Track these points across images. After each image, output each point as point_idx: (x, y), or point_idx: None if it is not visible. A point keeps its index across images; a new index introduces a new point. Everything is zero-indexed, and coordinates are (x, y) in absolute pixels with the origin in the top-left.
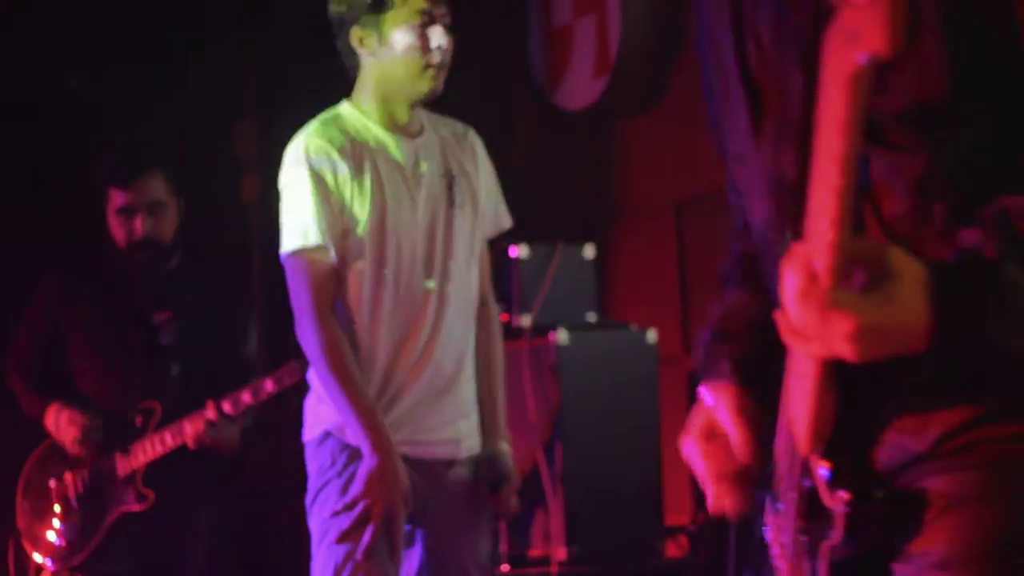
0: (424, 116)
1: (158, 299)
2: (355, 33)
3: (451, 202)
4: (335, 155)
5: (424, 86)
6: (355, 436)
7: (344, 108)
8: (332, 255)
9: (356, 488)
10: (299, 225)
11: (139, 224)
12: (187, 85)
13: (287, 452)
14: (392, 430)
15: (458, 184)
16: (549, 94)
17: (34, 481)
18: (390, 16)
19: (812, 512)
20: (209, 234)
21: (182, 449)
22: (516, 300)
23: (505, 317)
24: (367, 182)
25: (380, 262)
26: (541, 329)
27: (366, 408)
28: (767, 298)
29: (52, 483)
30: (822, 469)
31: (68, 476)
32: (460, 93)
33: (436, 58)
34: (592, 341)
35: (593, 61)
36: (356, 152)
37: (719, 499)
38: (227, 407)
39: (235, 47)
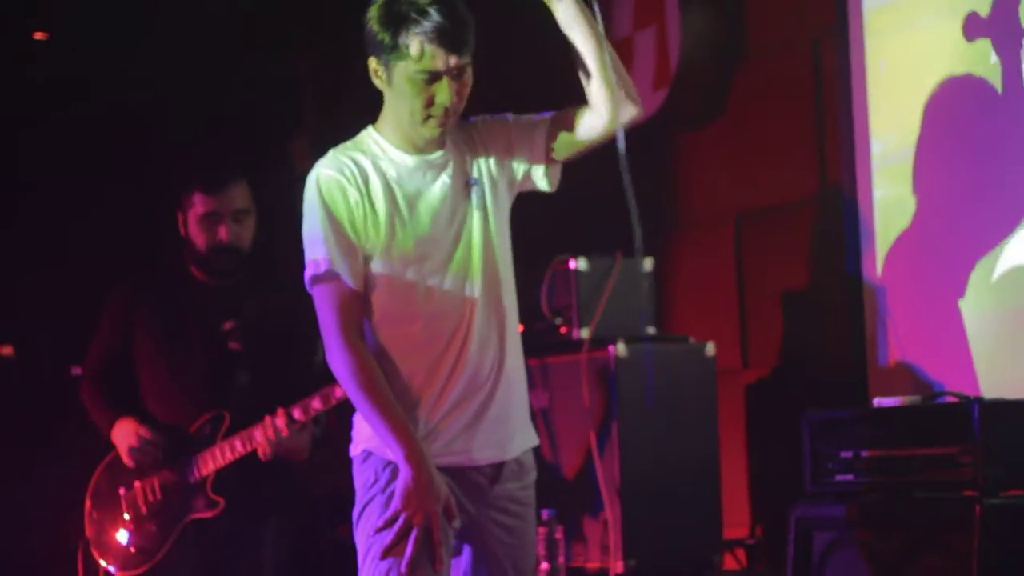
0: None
1: (225, 308)
2: (372, 63)
3: (472, 207)
4: (345, 183)
5: (426, 133)
6: (390, 451)
7: (367, 132)
8: (349, 281)
9: (396, 503)
10: (314, 255)
11: (224, 231)
12: (247, 103)
13: (350, 463)
14: (429, 441)
15: (477, 188)
16: None
17: (103, 489)
18: (400, 64)
19: None
20: (271, 244)
21: (251, 457)
22: (575, 313)
23: (564, 330)
24: (381, 206)
25: (403, 284)
26: (600, 342)
27: (397, 423)
28: None
29: (122, 491)
30: None
31: (137, 484)
32: (519, 106)
33: (438, 112)
34: (650, 354)
35: (653, 74)
36: (368, 177)
37: None
38: (297, 414)
39: (293, 68)
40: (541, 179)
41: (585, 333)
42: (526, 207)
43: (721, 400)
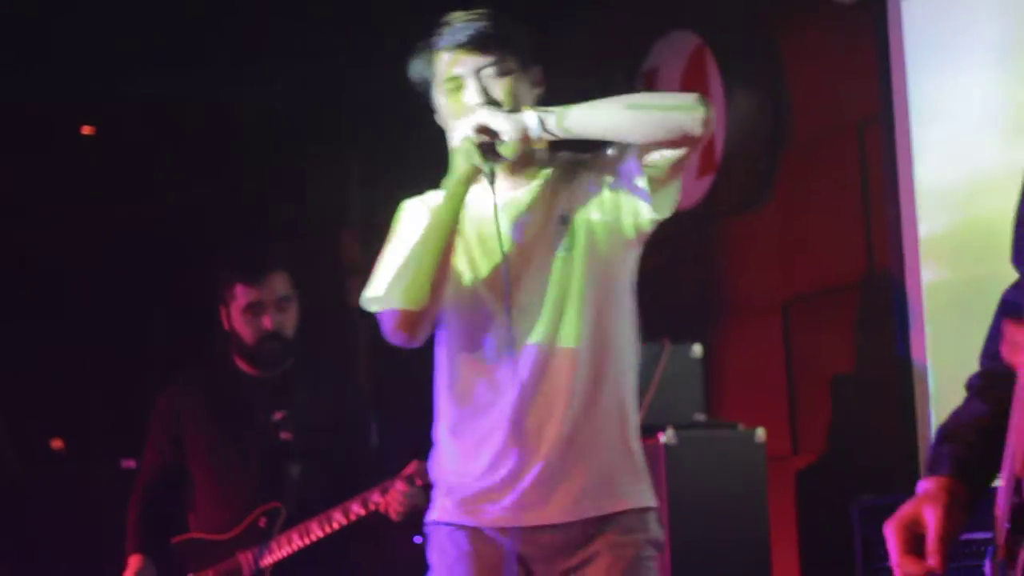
0: (547, 159)
1: (274, 399)
2: (434, 103)
3: (557, 247)
4: (427, 213)
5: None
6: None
7: None
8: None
9: None
10: (377, 287)
11: (268, 320)
12: (296, 196)
13: (400, 554)
14: (481, 498)
15: (567, 228)
16: None
17: None
18: (435, 86)
19: (1018, 525)
20: (318, 335)
21: (306, 550)
22: None
23: None
24: (456, 247)
25: (467, 327)
26: (649, 429)
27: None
28: (999, 408)
29: None
30: None
31: None
32: None
33: None
34: (700, 441)
35: (698, 161)
36: None
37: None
38: (357, 508)
39: (340, 163)
40: (651, 207)
41: None
42: None
43: (771, 487)
